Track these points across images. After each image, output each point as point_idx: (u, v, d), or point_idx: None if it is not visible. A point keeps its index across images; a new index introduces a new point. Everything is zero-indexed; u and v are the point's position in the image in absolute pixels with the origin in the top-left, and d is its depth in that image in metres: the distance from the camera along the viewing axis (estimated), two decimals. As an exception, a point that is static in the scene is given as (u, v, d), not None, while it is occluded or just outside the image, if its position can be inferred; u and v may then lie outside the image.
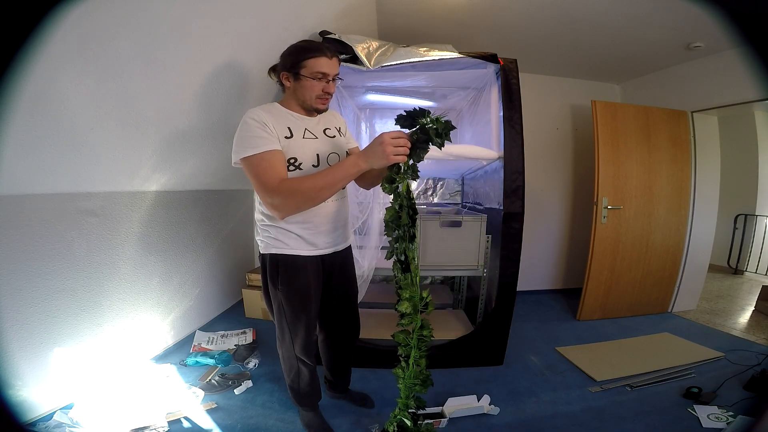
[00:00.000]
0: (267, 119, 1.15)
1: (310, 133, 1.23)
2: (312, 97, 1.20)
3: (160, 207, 2.02)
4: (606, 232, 2.75)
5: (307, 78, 1.18)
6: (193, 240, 2.35)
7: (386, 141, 1.03)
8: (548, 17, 2.29)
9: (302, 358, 1.37)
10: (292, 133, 1.19)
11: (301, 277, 1.27)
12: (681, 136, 2.87)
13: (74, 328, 1.60)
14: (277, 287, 1.27)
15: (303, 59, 1.17)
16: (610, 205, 2.73)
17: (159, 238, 2.06)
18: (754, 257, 4.31)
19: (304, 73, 1.17)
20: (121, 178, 1.71)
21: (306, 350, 1.36)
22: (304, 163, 1.20)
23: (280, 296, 1.28)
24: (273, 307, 1.33)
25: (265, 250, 1.28)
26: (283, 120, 1.20)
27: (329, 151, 1.26)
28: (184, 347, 2.21)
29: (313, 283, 1.29)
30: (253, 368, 2.00)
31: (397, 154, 1.04)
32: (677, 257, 2.95)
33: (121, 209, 1.77)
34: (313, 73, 1.17)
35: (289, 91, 1.24)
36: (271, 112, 1.19)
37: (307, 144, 1.21)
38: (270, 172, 1.10)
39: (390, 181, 1.09)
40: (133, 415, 1.51)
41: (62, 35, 0.96)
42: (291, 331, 1.32)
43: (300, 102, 1.23)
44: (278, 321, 1.34)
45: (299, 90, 1.21)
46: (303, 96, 1.21)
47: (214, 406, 1.66)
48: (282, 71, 1.22)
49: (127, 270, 1.86)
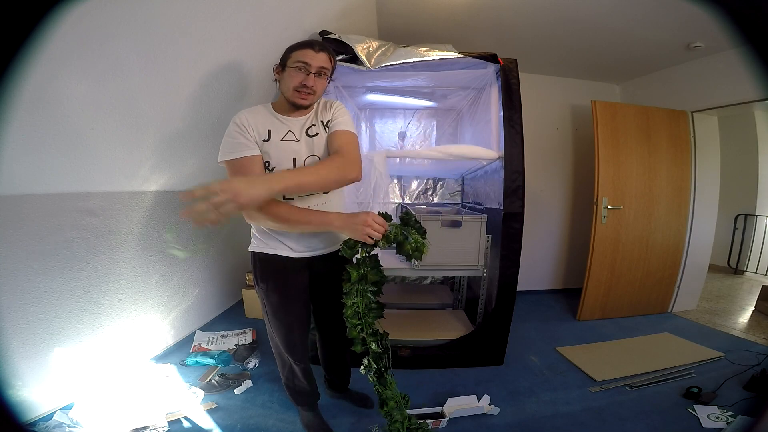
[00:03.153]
0: (249, 122, 1.16)
1: (292, 134, 1.21)
2: (290, 88, 1.16)
3: (160, 207, 2.01)
4: (606, 232, 2.75)
5: (288, 68, 1.16)
6: (193, 240, 2.35)
7: (368, 221, 1.08)
8: (548, 17, 2.29)
9: (289, 357, 1.39)
10: (270, 135, 1.18)
11: (279, 276, 1.29)
12: (681, 137, 2.86)
13: (74, 328, 1.60)
14: (258, 284, 1.32)
15: (291, 51, 1.17)
16: (610, 205, 2.73)
17: (159, 238, 2.05)
18: (754, 257, 4.31)
19: (289, 64, 1.16)
20: (121, 178, 1.70)
21: (290, 348, 1.37)
22: (277, 167, 1.18)
23: (261, 294, 1.33)
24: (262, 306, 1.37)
25: (250, 248, 1.34)
26: (266, 122, 1.19)
27: (308, 153, 1.22)
28: (184, 347, 2.21)
29: (293, 283, 1.30)
30: (253, 368, 2.00)
31: (370, 236, 1.09)
32: (677, 257, 2.95)
33: (120, 209, 1.77)
34: (295, 62, 1.14)
35: (279, 86, 1.23)
36: (256, 114, 1.20)
37: (284, 146, 1.19)
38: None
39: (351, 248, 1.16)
40: (133, 415, 1.51)
41: (62, 35, 0.95)
42: (276, 329, 1.35)
43: (285, 97, 1.21)
44: (264, 318, 1.38)
45: (282, 83, 1.20)
46: (283, 89, 1.20)
47: (214, 406, 1.66)
48: (276, 66, 1.22)
49: (126, 270, 1.86)
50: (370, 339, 1.20)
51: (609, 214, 2.74)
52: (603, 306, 2.85)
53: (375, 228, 1.09)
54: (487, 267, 2.10)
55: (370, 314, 1.20)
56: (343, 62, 1.81)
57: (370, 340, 1.20)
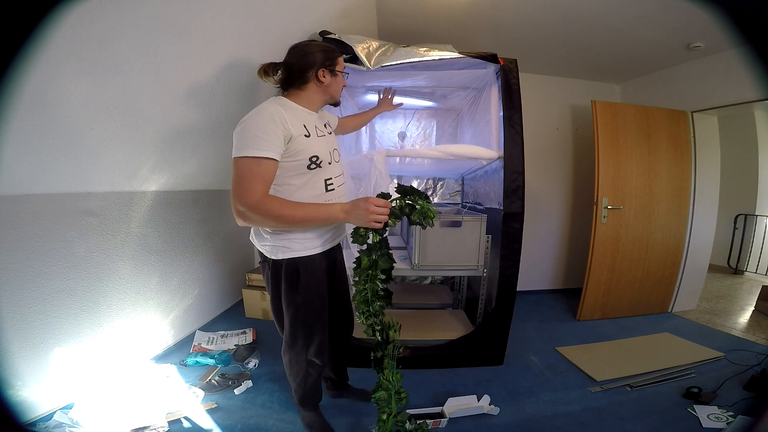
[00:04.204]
0: (285, 117, 1.11)
1: (318, 129, 1.25)
2: (339, 90, 1.31)
3: (160, 207, 2.02)
4: (606, 232, 2.75)
5: (339, 73, 1.27)
6: (192, 240, 2.35)
7: (370, 208, 1.08)
8: (548, 17, 2.29)
9: (314, 361, 1.35)
10: (308, 131, 1.19)
11: (319, 277, 1.27)
12: (681, 136, 2.86)
13: (74, 328, 1.60)
14: (297, 291, 1.22)
15: (337, 56, 1.25)
16: (610, 205, 2.73)
17: (159, 238, 2.06)
18: (754, 257, 4.31)
19: (338, 69, 1.26)
20: (121, 178, 1.71)
21: (320, 351, 1.34)
22: (323, 161, 1.21)
23: (299, 300, 1.23)
24: (288, 313, 1.27)
25: (275, 256, 1.21)
26: (299, 117, 1.18)
27: (334, 146, 1.31)
28: (184, 347, 2.21)
29: (325, 281, 1.30)
30: (253, 368, 2.00)
31: (377, 221, 1.09)
32: (677, 257, 2.95)
33: (120, 209, 1.77)
34: (342, 70, 1.28)
35: (318, 86, 1.23)
36: (287, 108, 1.16)
37: (323, 141, 1.24)
38: (257, 183, 1.05)
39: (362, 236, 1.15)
40: (133, 415, 1.51)
41: (62, 35, 0.96)
42: (307, 335, 1.30)
43: (329, 97, 1.29)
44: (292, 327, 1.28)
45: (334, 85, 1.27)
46: (335, 91, 1.29)
47: (214, 406, 1.66)
48: (320, 68, 1.21)
49: (126, 270, 1.86)
50: (376, 327, 1.20)
51: (609, 214, 2.74)
52: (603, 306, 2.85)
53: (380, 212, 1.08)
54: (487, 267, 2.10)
55: (378, 301, 1.19)
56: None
57: (376, 328, 1.20)
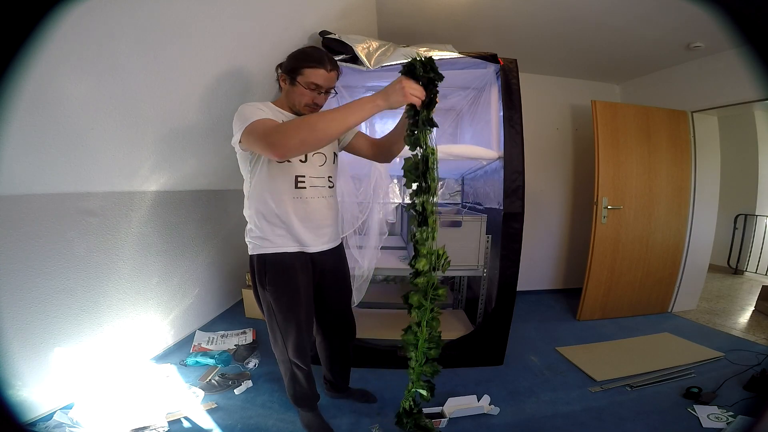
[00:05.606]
0: (269, 108, 1.22)
1: None
2: (301, 104, 1.24)
3: (160, 207, 2.01)
4: (606, 232, 2.75)
5: (300, 85, 1.20)
6: (192, 240, 2.35)
7: (405, 83, 1.04)
8: (548, 17, 2.29)
9: (295, 362, 1.35)
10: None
11: (289, 276, 1.26)
12: (681, 136, 2.86)
13: (74, 328, 1.60)
14: (265, 288, 1.27)
15: (303, 66, 1.20)
16: (610, 205, 2.73)
17: (159, 238, 2.05)
18: (754, 257, 4.31)
19: (300, 81, 1.20)
20: (121, 178, 1.70)
21: (299, 352, 1.33)
22: (314, 160, 1.27)
23: (268, 297, 1.28)
24: (262, 310, 1.33)
25: (252, 251, 1.29)
26: (276, 117, 1.21)
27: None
28: (184, 347, 2.21)
29: (302, 282, 1.28)
30: (253, 368, 2.00)
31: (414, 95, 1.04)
32: (677, 257, 2.95)
33: (120, 209, 1.77)
34: (307, 82, 1.20)
35: (283, 92, 1.28)
36: (267, 106, 1.23)
37: None
38: (270, 123, 1.11)
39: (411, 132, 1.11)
40: (133, 415, 1.51)
41: (62, 35, 0.96)
42: (282, 333, 1.31)
43: (290, 105, 1.27)
44: (269, 323, 1.33)
45: (291, 94, 1.24)
46: (293, 100, 1.25)
47: (214, 406, 1.66)
48: (282, 72, 1.25)
49: (126, 270, 1.86)
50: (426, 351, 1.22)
51: (609, 214, 2.74)
52: (603, 306, 2.85)
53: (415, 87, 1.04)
54: (487, 267, 2.10)
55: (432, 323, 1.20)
56: (343, 62, 1.81)
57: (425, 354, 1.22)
